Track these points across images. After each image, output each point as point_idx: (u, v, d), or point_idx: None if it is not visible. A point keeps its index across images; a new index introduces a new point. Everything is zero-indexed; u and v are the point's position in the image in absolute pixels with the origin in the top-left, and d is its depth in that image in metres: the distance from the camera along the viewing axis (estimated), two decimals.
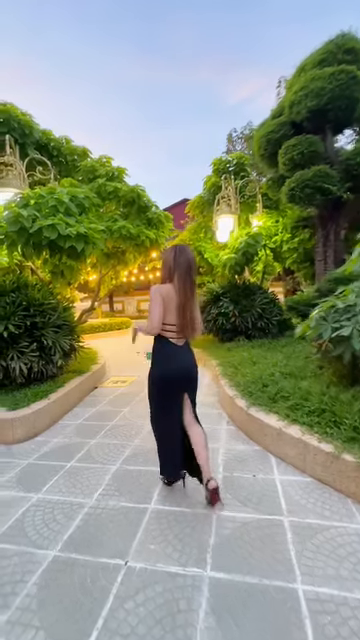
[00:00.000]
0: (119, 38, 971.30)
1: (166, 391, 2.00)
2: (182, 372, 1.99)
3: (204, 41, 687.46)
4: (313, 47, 6.38)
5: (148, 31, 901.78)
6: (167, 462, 2.12)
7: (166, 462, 2.12)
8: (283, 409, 2.73)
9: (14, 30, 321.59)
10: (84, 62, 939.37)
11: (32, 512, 1.98)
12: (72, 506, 2.02)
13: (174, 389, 2.00)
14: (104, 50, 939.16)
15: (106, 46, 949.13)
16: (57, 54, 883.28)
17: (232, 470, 2.34)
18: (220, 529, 1.75)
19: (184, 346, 2.03)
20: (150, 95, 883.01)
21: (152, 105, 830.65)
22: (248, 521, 1.81)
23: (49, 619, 1.30)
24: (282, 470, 2.32)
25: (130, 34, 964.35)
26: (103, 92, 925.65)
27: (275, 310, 6.58)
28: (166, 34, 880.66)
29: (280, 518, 1.82)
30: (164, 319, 1.91)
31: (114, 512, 1.94)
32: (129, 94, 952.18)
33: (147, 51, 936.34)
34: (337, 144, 6.56)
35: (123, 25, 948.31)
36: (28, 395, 3.59)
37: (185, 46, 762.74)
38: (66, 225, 4.06)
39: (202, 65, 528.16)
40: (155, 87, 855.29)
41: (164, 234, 6.17)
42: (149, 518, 1.88)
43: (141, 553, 1.62)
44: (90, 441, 2.98)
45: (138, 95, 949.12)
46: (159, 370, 1.99)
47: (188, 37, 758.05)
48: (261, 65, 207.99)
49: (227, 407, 3.53)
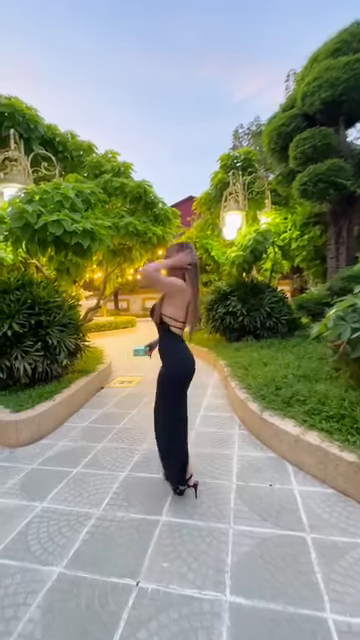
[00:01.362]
0: (123, 35, 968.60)
1: (185, 388, 2.01)
2: (194, 367, 2.01)
3: (209, 38, 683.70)
4: (325, 37, 6.20)
5: (152, 28, 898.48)
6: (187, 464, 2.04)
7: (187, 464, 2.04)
8: (299, 414, 2.58)
9: (17, 25, 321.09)
10: (88, 58, 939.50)
11: (36, 523, 1.87)
12: (78, 517, 1.91)
13: (188, 385, 2.03)
14: (107, 46, 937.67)
15: (109, 42, 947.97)
16: (60, 50, 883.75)
17: (247, 479, 2.21)
18: (238, 546, 1.62)
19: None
20: (154, 92, 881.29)
21: (156, 102, 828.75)
22: (268, 537, 1.68)
23: None
24: (300, 480, 2.18)
25: (134, 31, 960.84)
26: (107, 88, 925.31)
27: (284, 309, 6.42)
28: (170, 31, 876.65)
29: (302, 535, 1.68)
30: (174, 314, 1.92)
31: (123, 524, 1.82)
32: (133, 91, 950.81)
33: (151, 48, 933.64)
34: (347, 138, 6.37)
35: (127, 22, 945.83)
36: (33, 396, 3.49)
37: (189, 43, 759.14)
38: (72, 221, 3.94)
39: (207, 62, 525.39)
40: (159, 84, 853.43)
41: (171, 231, 6.04)
42: (160, 532, 1.75)
43: (153, 572, 1.50)
44: (97, 445, 2.87)
45: (142, 92, 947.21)
46: (185, 368, 1.96)
47: (192, 34, 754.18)
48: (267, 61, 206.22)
49: (238, 410, 3.40)
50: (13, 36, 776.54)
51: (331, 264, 6.04)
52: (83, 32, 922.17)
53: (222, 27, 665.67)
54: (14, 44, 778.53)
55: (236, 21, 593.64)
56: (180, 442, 2.00)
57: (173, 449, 2.00)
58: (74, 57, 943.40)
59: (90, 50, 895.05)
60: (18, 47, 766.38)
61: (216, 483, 2.18)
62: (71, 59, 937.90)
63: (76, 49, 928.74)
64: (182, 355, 1.96)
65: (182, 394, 2.00)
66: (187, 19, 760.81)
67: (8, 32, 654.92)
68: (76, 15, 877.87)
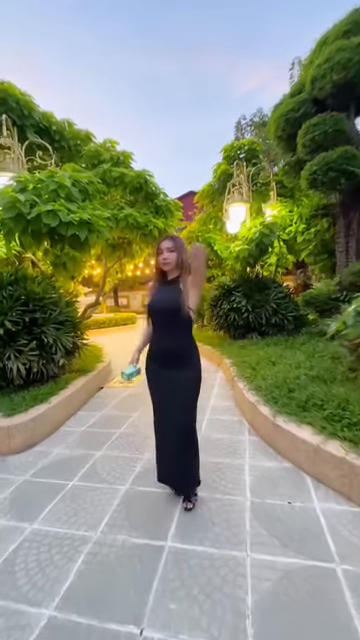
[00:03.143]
0: (123, 27, 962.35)
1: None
2: None
3: (209, 33, 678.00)
4: (336, 19, 5.88)
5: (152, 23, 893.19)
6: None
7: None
8: (317, 420, 2.35)
9: (20, 20, 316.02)
10: (88, 52, 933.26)
11: (25, 550, 1.64)
12: (73, 542, 1.68)
13: None
14: (108, 38, 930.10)
15: (110, 34, 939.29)
16: (59, 42, 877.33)
17: (263, 495, 1.98)
18: (258, 581, 1.39)
19: None
20: (155, 86, 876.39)
21: (158, 96, 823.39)
22: (292, 569, 1.45)
23: None
24: (322, 496, 1.95)
25: (134, 24, 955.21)
26: (107, 81, 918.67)
27: (291, 305, 6.17)
28: (170, 26, 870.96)
29: (331, 566, 1.45)
30: (198, 307, 1.92)
31: (124, 552, 1.59)
32: (133, 84, 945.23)
33: (150, 43, 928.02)
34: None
35: (127, 14, 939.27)
36: (27, 398, 3.26)
37: (190, 38, 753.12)
38: (68, 211, 3.68)
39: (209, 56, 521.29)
40: (160, 78, 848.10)
41: (173, 224, 5.77)
42: (166, 561, 1.53)
43: (159, 616, 1.27)
44: (95, 453, 2.64)
45: (143, 85, 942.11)
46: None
47: (195, 27, 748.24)
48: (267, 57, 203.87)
49: (247, 414, 3.16)
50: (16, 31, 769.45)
51: (340, 258, 5.77)
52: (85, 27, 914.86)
53: (222, 22, 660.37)
54: (17, 39, 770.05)
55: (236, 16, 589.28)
56: (197, 450, 1.91)
57: (193, 460, 1.88)
58: (75, 51, 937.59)
59: (89, 41, 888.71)
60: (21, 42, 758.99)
61: (228, 499, 1.95)
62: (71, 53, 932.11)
63: (77, 44, 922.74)
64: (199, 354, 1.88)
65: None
66: (187, 14, 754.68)
67: (11, 26, 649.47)
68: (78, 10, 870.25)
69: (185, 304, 1.70)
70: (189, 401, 1.80)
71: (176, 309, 1.70)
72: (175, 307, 1.70)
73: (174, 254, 1.75)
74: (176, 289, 1.76)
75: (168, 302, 1.74)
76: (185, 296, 1.71)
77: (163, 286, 1.83)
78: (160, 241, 1.81)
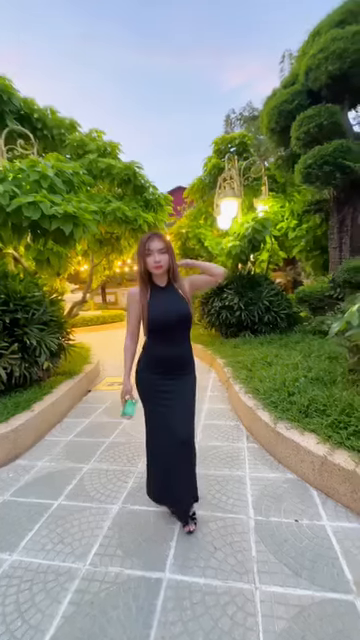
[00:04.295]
0: (112, 21, 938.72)
1: None
2: None
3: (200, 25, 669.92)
4: (328, 9, 5.73)
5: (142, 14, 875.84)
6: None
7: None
8: (322, 427, 2.21)
9: (6, 10, 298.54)
10: (77, 45, 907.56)
11: (3, 588, 1.43)
12: (58, 577, 1.48)
13: None
14: (96, 32, 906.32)
15: (98, 29, 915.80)
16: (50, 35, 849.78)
17: (267, 513, 1.82)
18: (270, 620, 1.23)
19: None
20: (142, 82, 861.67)
21: (144, 91, 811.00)
22: (306, 604, 1.29)
23: None
24: (331, 512, 1.81)
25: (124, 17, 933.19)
26: (95, 77, 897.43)
27: (283, 303, 6.06)
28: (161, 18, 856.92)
29: (349, 598, 1.31)
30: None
31: (116, 588, 1.41)
32: (120, 80, 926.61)
33: (140, 35, 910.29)
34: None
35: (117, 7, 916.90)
36: (8, 406, 3.02)
37: (180, 31, 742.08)
38: (51, 203, 3.42)
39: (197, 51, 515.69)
40: (148, 74, 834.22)
41: (163, 218, 5.55)
42: (165, 598, 1.35)
43: None
44: (83, 467, 2.43)
45: (130, 81, 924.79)
46: None
47: (184, 21, 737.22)
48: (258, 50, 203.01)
49: (244, 419, 3.01)
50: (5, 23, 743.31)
51: (333, 255, 5.68)
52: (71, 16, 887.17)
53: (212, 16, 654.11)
54: (1, 29, 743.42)
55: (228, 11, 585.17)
56: (195, 462, 1.73)
57: (194, 471, 1.71)
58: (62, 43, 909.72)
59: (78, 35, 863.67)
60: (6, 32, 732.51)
61: (230, 518, 1.79)
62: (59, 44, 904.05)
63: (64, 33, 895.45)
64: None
65: None
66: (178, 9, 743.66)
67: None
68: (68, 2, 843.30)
69: (190, 312, 1.58)
70: (192, 405, 1.68)
71: (186, 320, 1.59)
72: (185, 319, 1.58)
73: (166, 256, 1.55)
74: (177, 297, 1.60)
75: (175, 314, 1.56)
76: (189, 305, 1.59)
77: (158, 293, 1.61)
78: (146, 240, 1.55)
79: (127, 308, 1.66)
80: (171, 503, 1.75)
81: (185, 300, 1.60)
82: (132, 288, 1.65)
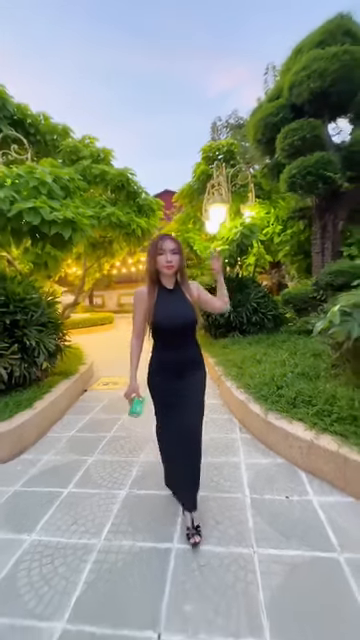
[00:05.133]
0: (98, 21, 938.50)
1: None
2: None
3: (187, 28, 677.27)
4: (309, 29, 6.10)
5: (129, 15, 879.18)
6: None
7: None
8: (308, 416, 2.44)
9: None
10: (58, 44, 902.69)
11: (26, 563, 1.57)
12: (76, 551, 1.63)
13: None
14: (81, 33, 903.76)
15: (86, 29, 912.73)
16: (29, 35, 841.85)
17: (261, 492, 2.03)
18: (268, 576, 1.43)
19: None
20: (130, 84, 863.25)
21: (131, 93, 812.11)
22: (298, 562, 1.50)
23: None
24: (317, 489, 2.03)
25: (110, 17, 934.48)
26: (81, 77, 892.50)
27: (270, 304, 6.35)
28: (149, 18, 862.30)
29: (334, 556, 1.52)
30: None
31: (131, 558, 1.58)
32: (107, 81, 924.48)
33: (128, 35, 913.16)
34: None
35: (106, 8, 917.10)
36: (10, 405, 3.12)
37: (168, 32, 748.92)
38: (50, 209, 3.55)
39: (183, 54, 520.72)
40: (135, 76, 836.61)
41: (155, 223, 5.74)
42: (176, 564, 1.53)
43: (175, 619, 1.27)
44: (88, 459, 2.58)
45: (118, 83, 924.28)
46: None
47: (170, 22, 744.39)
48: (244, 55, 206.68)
49: (237, 412, 3.22)
50: None
51: (316, 259, 6.02)
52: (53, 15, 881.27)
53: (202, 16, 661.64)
54: None
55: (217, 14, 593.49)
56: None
57: (199, 464, 1.76)
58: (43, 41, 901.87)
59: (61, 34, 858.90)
60: None
61: (229, 497, 1.99)
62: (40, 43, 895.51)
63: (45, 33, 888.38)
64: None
65: None
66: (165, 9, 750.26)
67: None
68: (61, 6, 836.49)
69: (198, 316, 1.65)
70: (203, 399, 1.74)
71: (192, 324, 1.65)
72: (190, 324, 1.64)
73: (178, 257, 1.60)
74: (183, 301, 1.64)
75: (180, 319, 1.61)
76: (195, 308, 1.65)
77: (164, 295, 1.65)
78: (158, 240, 1.61)
79: (134, 307, 1.67)
80: (184, 492, 1.77)
81: (191, 305, 1.65)
82: (139, 287, 1.68)
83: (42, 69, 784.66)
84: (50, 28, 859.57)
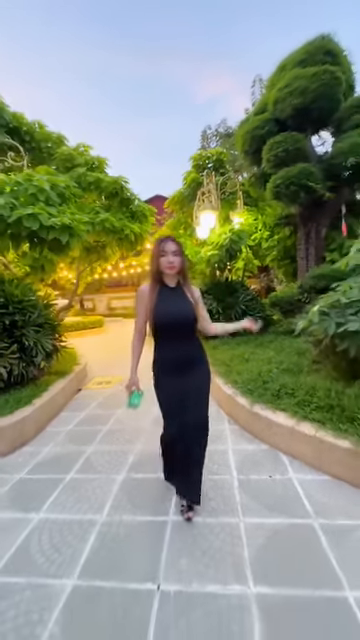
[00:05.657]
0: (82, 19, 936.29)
1: None
2: None
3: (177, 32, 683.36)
4: (291, 47, 6.49)
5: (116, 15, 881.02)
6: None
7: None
8: (290, 406, 2.68)
9: None
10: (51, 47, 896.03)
11: (36, 535, 1.75)
12: (82, 525, 1.81)
13: None
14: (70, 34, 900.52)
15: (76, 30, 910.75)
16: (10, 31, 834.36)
17: (247, 473, 2.25)
18: (252, 539, 1.64)
19: None
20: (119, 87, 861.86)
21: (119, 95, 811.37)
22: (279, 528, 1.72)
23: None
24: (297, 469, 2.26)
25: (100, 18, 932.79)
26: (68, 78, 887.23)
27: (258, 307, 6.63)
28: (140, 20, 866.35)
29: (309, 522, 1.75)
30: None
31: (132, 528, 1.77)
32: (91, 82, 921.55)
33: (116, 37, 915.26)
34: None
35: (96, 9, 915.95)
36: (10, 401, 3.26)
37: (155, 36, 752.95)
38: (49, 215, 3.74)
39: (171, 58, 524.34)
40: (124, 80, 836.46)
41: (147, 228, 5.96)
42: (171, 532, 1.73)
43: (172, 573, 1.47)
44: (86, 449, 2.75)
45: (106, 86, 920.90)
46: None
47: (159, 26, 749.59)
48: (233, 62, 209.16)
49: (225, 406, 3.45)
50: None
51: (301, 264, 6.34)
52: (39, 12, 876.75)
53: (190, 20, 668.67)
54: None
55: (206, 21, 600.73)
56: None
57: (204, 455, 1.83)
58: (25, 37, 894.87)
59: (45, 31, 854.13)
60: None
61: (218, 479, 2.20)
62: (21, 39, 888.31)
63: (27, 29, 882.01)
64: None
65: None
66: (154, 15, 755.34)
67: None
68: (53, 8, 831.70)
69: (196, 315, 1.74)
70: (208, 391, 1.83)
71: (191, 322, 1.73)
72: (190, 320, 1.73)
73: (179, 258, 1.70)
74: (184, 299, 1.73)
75: (180, 315, 1.70)
76: (196, 306, 1.75)
77: (166, 293, 1.72)
78: (161, 242, 1.70)
79: (135, 305, 1.74)
80: (186, 485, 1.80)
81: (191, 303, 1.73)
82: (142, 286, 1.75)
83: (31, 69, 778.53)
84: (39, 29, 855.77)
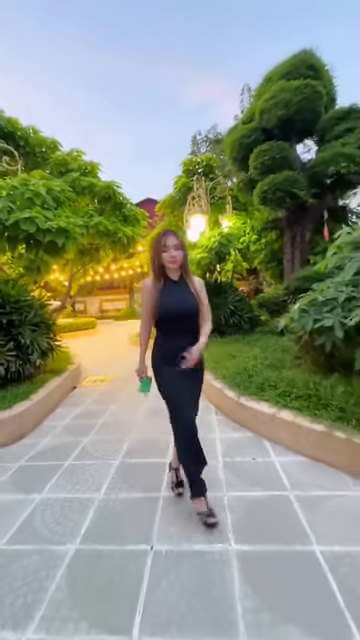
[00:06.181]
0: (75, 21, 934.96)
1: None
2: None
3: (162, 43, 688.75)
4: (278, 59, 6.82)
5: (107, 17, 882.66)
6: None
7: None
8: (273, 397, 2.90)
9: None
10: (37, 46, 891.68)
11: (39, 512, 1.92)
12: (81, 502, 1.99)
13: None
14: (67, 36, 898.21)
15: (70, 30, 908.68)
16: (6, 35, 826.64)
17: (232, 456, 2.46)
18: (234, 508, 1.85)
19: None
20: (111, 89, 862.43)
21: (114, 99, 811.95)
22: (259, 499, 1.93)
23: (88, 608, 1.30)
24: (278, 452, 2.48)
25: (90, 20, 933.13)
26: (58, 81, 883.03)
27: (246, 307, 6.88)
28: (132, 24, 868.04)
29: (286, 493, 1.96)
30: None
31: (127, 503, 1.95)
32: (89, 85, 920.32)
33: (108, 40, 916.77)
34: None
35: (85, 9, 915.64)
36: (8, 397, 3.41)
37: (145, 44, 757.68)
38: (45, 219, 3.91)
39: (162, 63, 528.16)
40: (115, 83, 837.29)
41: (140, 231, 6.16)
42: (164, 505, 1.92)
43: (164, 536, 1.66)
44: (83, 439, 2.92)
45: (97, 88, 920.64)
46: None
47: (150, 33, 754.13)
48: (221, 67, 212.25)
49: (213, 399, 3.66)
50: None
51: (287, 266, 6.63)
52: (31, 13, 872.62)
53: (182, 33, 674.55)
54: None
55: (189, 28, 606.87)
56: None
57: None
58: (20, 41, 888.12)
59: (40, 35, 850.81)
60: None
61: None
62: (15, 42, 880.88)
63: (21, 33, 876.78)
64: None
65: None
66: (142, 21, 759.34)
67: None
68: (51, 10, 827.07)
69: (198, 307, 1.79)
70: (202, 375, 1.96)
71: (193, 314, 1.78)
72: (193, 312, 1.77)
73: (181, 252, 1.73)
74: (188, 291, 1.79)
75: (185, 306, 1.75)
76: (198, 298, 1.80)
77: (170, 286, 1.78)
78: (162, 237, 1.73)
79: (141, 298, 1.81)
80: (196, 466, 1.82)
81: (194, 295, 1.78)
82: (147, 280, 1.82)
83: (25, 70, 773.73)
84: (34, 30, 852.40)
